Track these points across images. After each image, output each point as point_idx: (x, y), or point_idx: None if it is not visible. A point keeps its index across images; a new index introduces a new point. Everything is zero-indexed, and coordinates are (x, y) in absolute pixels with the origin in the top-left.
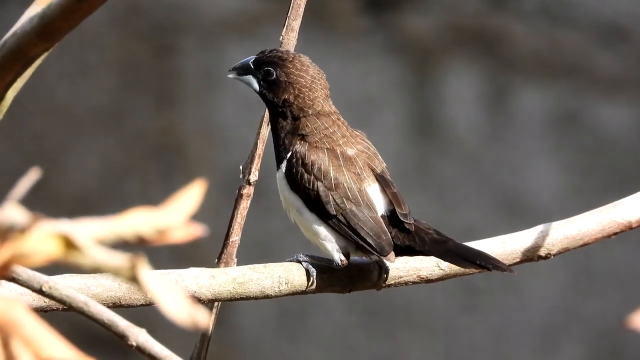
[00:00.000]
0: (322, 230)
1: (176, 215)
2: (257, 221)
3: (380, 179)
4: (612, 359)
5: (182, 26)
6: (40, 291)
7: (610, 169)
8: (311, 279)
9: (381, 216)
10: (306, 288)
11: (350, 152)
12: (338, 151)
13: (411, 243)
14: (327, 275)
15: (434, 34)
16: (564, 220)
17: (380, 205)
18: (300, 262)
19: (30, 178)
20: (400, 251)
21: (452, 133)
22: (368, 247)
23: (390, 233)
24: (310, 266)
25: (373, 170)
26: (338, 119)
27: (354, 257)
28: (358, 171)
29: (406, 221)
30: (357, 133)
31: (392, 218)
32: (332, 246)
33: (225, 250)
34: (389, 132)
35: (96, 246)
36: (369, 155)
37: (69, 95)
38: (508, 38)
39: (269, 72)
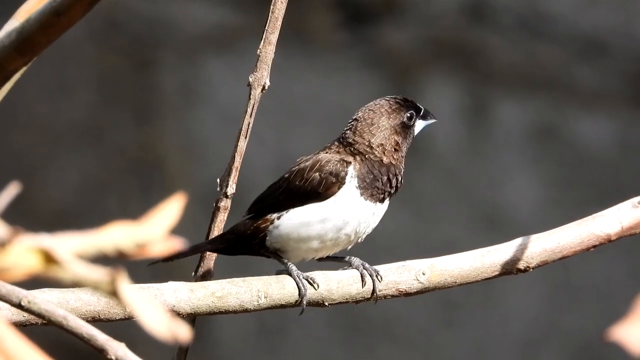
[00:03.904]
0: None
1: (156, 229)
2: None
3: None
4: None
5: (161, 41)
6: (19, 305)
7: (589, 182)
8: (302, 291)
9: None
10: (295, 302)
11: None
12: None
13: None
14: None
15: (413, 48)
16: (543, 233)
17: None
18: (289, 274)
19: (10, 193)
20: None
21: (431, 146)
22: None
23: None
24: (302, 280)
25: None
26: None
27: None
28: None
29: None
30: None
31: None
32: None
33: (202, 264)
34: None
35: (76, 260)
36: None
37: (47, 110)
38: (487, 51)
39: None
